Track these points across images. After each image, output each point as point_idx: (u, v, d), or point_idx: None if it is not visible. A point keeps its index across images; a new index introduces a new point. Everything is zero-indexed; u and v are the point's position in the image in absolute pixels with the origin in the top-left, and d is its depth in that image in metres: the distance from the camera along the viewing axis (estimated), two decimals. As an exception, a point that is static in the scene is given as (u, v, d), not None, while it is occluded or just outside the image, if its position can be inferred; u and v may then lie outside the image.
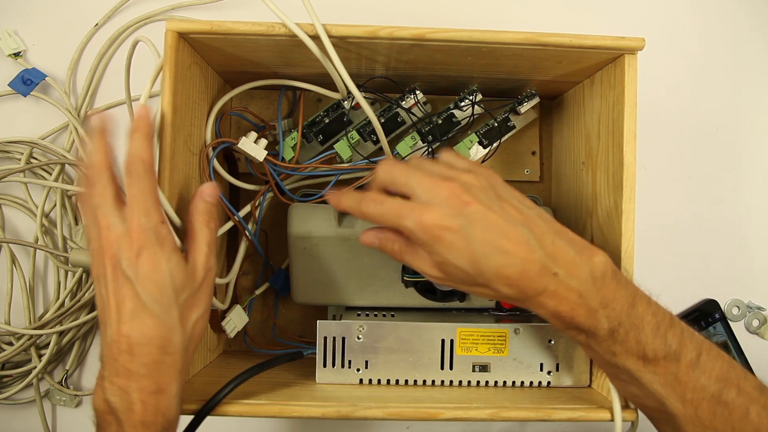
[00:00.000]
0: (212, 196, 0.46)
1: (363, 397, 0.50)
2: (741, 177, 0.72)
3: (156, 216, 0.41)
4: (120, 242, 0.40)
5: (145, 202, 0.41)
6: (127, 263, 0.40)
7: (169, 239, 0.41)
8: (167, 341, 0.41)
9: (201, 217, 0.45)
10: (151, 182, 0.42)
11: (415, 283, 0.58)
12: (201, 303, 0.43)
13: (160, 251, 0.40)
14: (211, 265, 0.44)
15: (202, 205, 0.45)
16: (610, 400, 0.49)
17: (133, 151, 0.42)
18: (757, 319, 0.71)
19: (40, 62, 0.68)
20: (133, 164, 0.42)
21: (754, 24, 0.72)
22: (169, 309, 0.41)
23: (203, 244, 0.44)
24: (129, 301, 0.40)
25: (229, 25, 0.48)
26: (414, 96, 0.60)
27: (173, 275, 0.41)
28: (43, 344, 0.65)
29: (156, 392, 0.40)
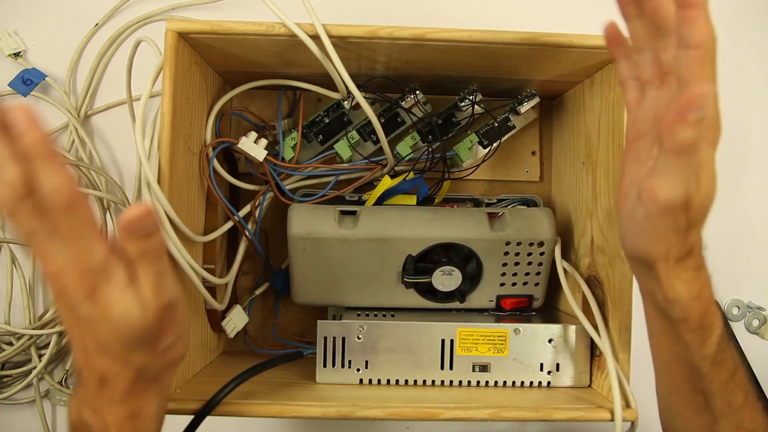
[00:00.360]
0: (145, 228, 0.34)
1: (363, 397, 0.50)
2: (741, 177, 0.72)
3: (99, 251, 0.33)
4: (69, 281, 0.34)
5: (83, 238, 0.33)
6: (82, 307, 0.34)
7: (120, 275, 0.34)
8: (138, 373, 0.37)
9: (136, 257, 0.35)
10: (82, 213, 0.33)
11: (415, 284, 0.58)
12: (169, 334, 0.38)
13: (111, 291, 0.34)
14: (167, 299, 0.36)
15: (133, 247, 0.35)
16: (610, 400, 0.49)
17: (49, 184, 0.32)
18: (757, 319, 0.71)
19: (40, 62, 0.68)
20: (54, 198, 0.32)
21: (754, 24, 0.72)
22: (131, 350, 0.36)
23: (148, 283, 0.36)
24: (91, 341, 0.36)
25: (229, 25, 0.48)
26: (414, 96, 0.60)
27: (128, 319, 0.35)
28: (43, 344, 0.65)
29: (131, 418, 0.38)
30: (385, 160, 0.60)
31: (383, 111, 0.61)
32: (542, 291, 0.59)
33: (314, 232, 0.55)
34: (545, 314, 0.59)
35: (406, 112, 0.61)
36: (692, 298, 0.41)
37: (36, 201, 0.32)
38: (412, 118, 0.61)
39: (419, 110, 0.61)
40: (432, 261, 0.57)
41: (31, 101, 0.68)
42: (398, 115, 0.61)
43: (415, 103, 0.61)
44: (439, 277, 0.57)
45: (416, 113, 0.61)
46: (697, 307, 0.41)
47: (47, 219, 0.32)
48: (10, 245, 0.67)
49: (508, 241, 0.56)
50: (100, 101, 0.69)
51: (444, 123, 0.61)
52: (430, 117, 0.61)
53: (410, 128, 0.62)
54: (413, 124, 0.61)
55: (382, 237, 0.55)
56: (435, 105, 0.65)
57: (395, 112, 0.61)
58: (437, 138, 0.61)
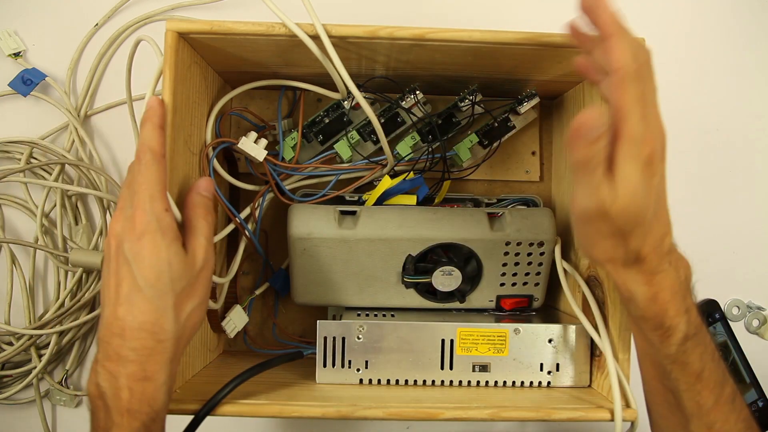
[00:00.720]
0: (208, 190, 0.47)
1: (363, 397, 0.50)
2: (741, 177, 0.72)
3: (160, 204, 0.41)
4: (125, 225, 0.41)
5: (150, 190, 0.41)
6: (128, 246, 0.41)
7: (172, 227, 0.42)
8: (159, 327, 0.41)
9: (198, 211, 0.45)
10: (157, 171, 0.42)
11: (415, 284, 0.58)
12: (197, 294, 0.43)
13: (160, 237, 0.41)
14: (209, 257, 0.44)
15: (199, 199, 0.46)
16: (610, 400, 0.49)
17: (143, 140, 0.43)
18: (757, 319, 0.71)
19: (40, 62, 0.68)
20: (142, 153, 0.42)
21: (754, 24, 0.72)
22: (163, 295, 0.41)
23: (202, 236, 0.44)
24: (126, 284, 0.41)
25: (229, 25, 0.48)
26: (414, 96, 0.60)
27: (171, 262, 0.41)
28: (43, 344, 0.65)
29: (143, 379, 0.40)
30: (385, 160, 0.60)
31: (383, 111, 0.61)
32: (542, 291, 0.59)
33: (314, 232, 0.55)
34: (545, 314, 0.59)
35: (406, 112, 0.61)
36: (647, 300, 0.42)
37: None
38: (412, 118, 0.61)
39: (419, 110, 0.61)
40: (432, 261, 0.57)
41: (31, 101, 0.68)
42: (398, 115, 0.61)
43: (415, 103, 0.61)
44: (439, 277, 0.57)
45: (416, 113, 0.61)
46: (653, 308, 0.42)
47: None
48: (10, 245, 0.67)
49: (508, 241, 0.56)
50: (100, 101, 0.69)
51: (444, 123, 0.61)
52: (430, 117, 0.61)
53: (410, 128, 0.62)
54: (413, 124, 0.61)
55: (382, 237, 0.55)
56: (435, 105, 0.65)
57: (395, 112, 0.61)
58: (437, 138, 0.61)
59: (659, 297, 0.42)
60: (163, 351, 0.41)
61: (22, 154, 0.66)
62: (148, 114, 0.44)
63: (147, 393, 0.40)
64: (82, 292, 0.65)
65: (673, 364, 0.44)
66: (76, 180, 0.67)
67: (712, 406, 0.44)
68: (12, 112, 0.69)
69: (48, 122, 0.68)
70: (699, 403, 0.44)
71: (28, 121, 0.68)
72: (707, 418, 0.44)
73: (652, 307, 0.43)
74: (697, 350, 0.43)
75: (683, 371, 0.44)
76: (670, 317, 0.42)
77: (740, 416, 0.45)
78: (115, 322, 0.41)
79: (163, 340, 0.41)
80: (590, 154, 0.38)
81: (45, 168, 0.67)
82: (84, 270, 0.64)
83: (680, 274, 0.43)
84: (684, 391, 0.44)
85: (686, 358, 0.43)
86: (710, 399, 0.44)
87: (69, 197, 0.67)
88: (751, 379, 0.69)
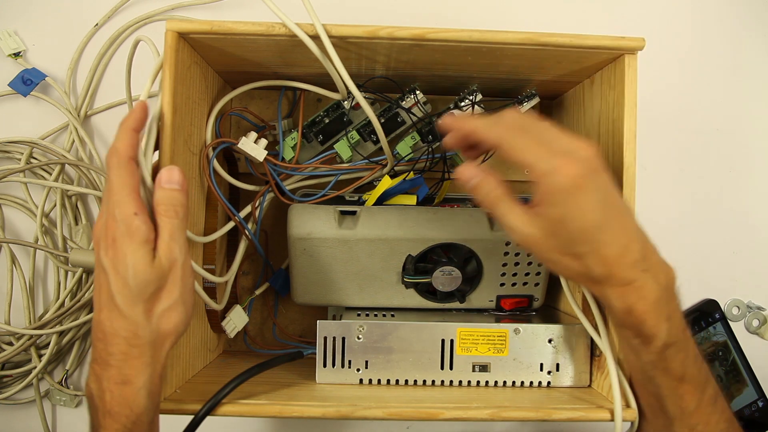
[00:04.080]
0: (171, 182, 0.44)
1: (363, 397, 0.50)
2: (741, 177, 0.72)
3: (127, 208, 0.40)
4: (99, 232, 0.42)
5: (118, 194, 0.41)
6: (102, 253, 0.41)
7: (140, 231, 0.41)
8: (131, 333, 0.41)
9: (160, 208, 0.43)
10: (125, 174, 0.41)
11: (415, 284, 0.58)
12: (168, 295, 0.42)
13: (127, 243, 0.40)
14: (175, 256, 0.42)
15: (160, 195, 0.43)
16: (610, 400, 0.49)
17: (114, 142, 0.42)
18: (757, 319, 0.71)
19: (40, 62, 0.68)
20: (110, 155, 0.42)
21: (753, 24, 0.72)
22: (132, 302, 0.40)
23: (165, 235, 0.42)
24: (104, 290, 0.41)
25: (229, 25, 0.48)
26: (414, 96, 0.60)
27: (136, 269, 0.40)
28: (43, 344, 0.65)
29: (121, 383, 0.41)
30: (385, 160, 0.60)
31: (383, 111, 0.61)
32: (542, 291, 0.59)
33: (314, 233, 0.55)
34: (545, 314, 0.59)
35: (406, 112, 0.61)
36: (623, 312, 0.43)
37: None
38: (412, 118, 0.61)
39: (419, 110, 0.61)
40: (432, 261, 0.57)
41: (31, 101, 0.68)
42: (398, 115, 0.61)
43: (415, 103, 0.61)
44: (439, 277, 0.57)
45: (416, 113, 0.61)
46: (630, 319, 0.43)
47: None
48: (10, 245, 0.67)
49: (508, 241, 0.56)
50: (100, 101, 0.69)
51: (444, 123, 0.61)
52: (430, 117, 0.61)
53: (410, 128, 0.62)
54: (413, 124, 0.61)
55: (382, 237, 0.55)
56: (435, 105, 0.65)
57: (395, 112, 0.61)
58: (437, 138, 0.61)
59: (636, 308, 0.42)
60: (139, 355, 0.41)
61: (22, 154, 0.66)
62: (125, 117, 0.43)
63: (126, 396, 0.41)
64: (82, 292, 0.65)
65: (655, 369, 0.44)
66: (76, 180, 0.67)
67: (695, 409, 0.44)
68: (12, 112, 0.69)
69: (48, 122, 0.68)
70: (681, 407, 0.44)
71: (28, 121, 0.68)
72: (689, 420, 0.44)
73: (629, 318, 0.43)
74: (678, 356, 0.43)
75: (665, 376, 0.44)
76: (650, 326, 0.42)
77: (722, 416, 0.45)
78: (98, 326, 0.41)
79: (138, 345, 0.41)
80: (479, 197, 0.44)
81: (45, 168, 0.67)
82: (84, 270, 0.64)
83: (660, 281, 0.42)
84: (666, 396, 0.45)
85: (667, 364, 0.44)
86: (692, 402, 0.44)
87: (69, 197, 0.67)
88: (751, 379, 0.69)
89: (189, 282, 0.44)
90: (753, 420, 0.69)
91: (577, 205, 0.40)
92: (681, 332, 0.44)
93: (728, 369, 0.69)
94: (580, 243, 0.41)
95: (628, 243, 0.41)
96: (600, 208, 0.40)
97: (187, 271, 0.43)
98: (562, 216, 0.40)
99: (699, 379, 0.44)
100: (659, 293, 0.42)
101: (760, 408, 0.69)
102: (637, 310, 0.42)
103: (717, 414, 0.45)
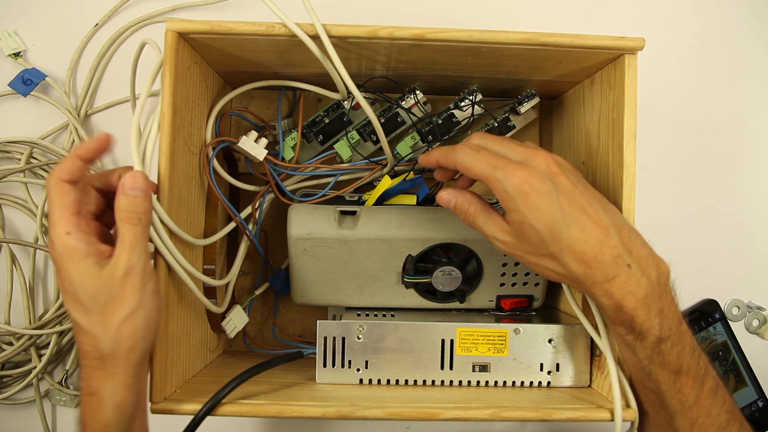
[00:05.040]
0: (134, 188, 0.43)
1: (363, 397, 0.50)
2: (741, 177, 0.72)
3: (60, 228, 0.41)
4: (49, 249, 0.43)
5: (52, 215, 0.41)
6: (55, 269, 0.43)
7: (76, 249, 0.40)
8: (92, 347, 0.41)
9: (122, 215, 0.42)
10: (57, 195, 0.41)
11: (415, 284, 0.58)
12: (125, 304, 0.41)
13: (67, 261, 0.40)
14: (133, 262, 0.41)
15: (123, 201, 0.42)
16: (610, 400, 0.49)
17: (55, 167, 0.45)
18: (757, 319, 0.71)
19: (40, 62, 0.68)
20: (47, 179, 0.43)
21: (753, 24, 0.72)
22: (86, 316, 0.41)
23: (123, 242, 0.42)
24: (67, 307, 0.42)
25: (229, 25, 0.48)
26: (414, 96, 0.60)
27: (81, 283, 0.40)
28: (43, 344, 0.65)
29: (89, 394, 0.41)
30: (385, 160, 0.60)
31: (383, 111, 0.61)
32: (542, 291, 0.59)
33: (314, 233, 0.55)
34: (545, 314, 0.59)
35: (406, 112, 0.61)
36: (612, 309, 0.43)
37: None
38: (412, 118, 0.61)
39: (419, 110, 0.61)
40: (432, 261, 0.57)
41: (31, 101, 0.68)
42: (398, 115, 0.61)
43: (415, 103, 0.61)
44: (439, 277, 0.57)
45: (416, 113, 0.61)
46: (621, 315, 0.43)
47: None
48: (10, 245, 0.67)
49: (508, 241, 0.56)
50: (100, 101, 0.69)
51: (444, 123, 0.61)
52: (430, 117, 0.61)
53: (410, 128, 0.62)
54: (413, 124, 0.61)
55: (382, 237, 0.55)
56: (435, 105, 0.65)
57: (395, 112, 0.61)
58: (437, 138, 0.61)
59: (624, 303, 0.43)
60: (101, 367, 0.41)
61: (22, 154, 0.66)
62: (79, 144, 0.45)
63: (93, 407, 0.41)
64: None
65: (651, 364, 0.44)
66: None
67: (694, 401, 0.45)
68: (12, 112, 0.69)
69: (48, 122, 0.68)
70: (681, 401, 0.45)
71: (28, 121, 0.68)
72: (690, 413, 0.45)
73: (620, 314, 0.43)
74: (674, 350, 0.44)
75: (662, 371, 0.44)
76: (641, 321, 0.43)
77: (723, 408, 0.45)
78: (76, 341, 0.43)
79: (100, 357, 0.41)
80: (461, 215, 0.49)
81: (45, 168, 0.67)
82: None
83: (650, 275, 0.43)
84: (665, 391, 0.45)
85: (663, 358, 0.44)
86: (691, 395, 0.44)
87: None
88: (751, 379, 0.69)
89: (150, 287, 0.43)
90: (753, 420, 0.69)
91: (533, 206, 0.42)
92: (676, 326, 0.44)
93: (728, 369, 0.69)
94: (549, 243, 0.43)
95: (603, 238, 0.42)
96: (557, 206, 0.42)
97: (148, 276, 0.42)
98: (523, 219, 0.43)
99: (697, 371, 0.44)
100: (649, 287, 0.43)
101: (760, 408, 0.69)
102: (626, 305, 0.43)
103: (718, 405, 0.45)
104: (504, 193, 0.43)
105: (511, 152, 0.45)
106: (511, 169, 0.43)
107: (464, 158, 0.46)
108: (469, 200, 0.48)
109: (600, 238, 0.42)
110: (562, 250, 0.42)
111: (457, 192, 0.48)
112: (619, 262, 0.42)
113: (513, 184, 0.42)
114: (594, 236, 0.42)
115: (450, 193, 0.48)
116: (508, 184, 0.42)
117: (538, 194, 0.42)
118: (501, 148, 0.46)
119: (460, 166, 0.46)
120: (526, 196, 0.42)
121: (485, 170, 0.44)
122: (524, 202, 0.42)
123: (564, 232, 0.42)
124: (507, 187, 0.43)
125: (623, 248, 0.43)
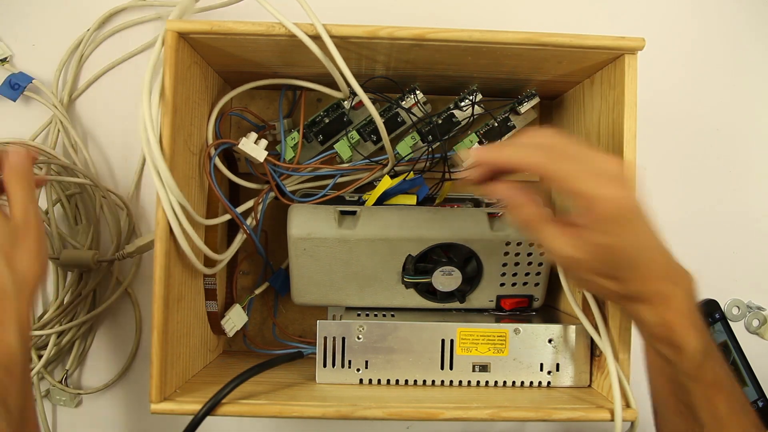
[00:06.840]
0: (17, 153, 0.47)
1: (363, 397, 0.50)
2: (741, 177, 0.72)
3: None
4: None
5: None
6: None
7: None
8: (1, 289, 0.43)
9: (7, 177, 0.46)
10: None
11: (415, 284, 0.58)
12: (26, 248, 0.45)
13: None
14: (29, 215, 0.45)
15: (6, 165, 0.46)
16: (610, 400, 0.49)
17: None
18: (757, 319, 0.71)
19: (29, 66, 0.68)
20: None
21: (753, 24, 0.72)
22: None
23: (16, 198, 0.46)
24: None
25: (229, 25, 0.48)
26: (414, 96, 0.60)
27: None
28: (43, 344, 0.65)
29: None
30: (385, 159, 0.60)
31: (383, 111, 0.61)
32: (542, 291, 0.59)
33: (314, 233, 0.55)
34: (545, 314, 0.59)
35: (406, 112, 0.61)
36: (656, 324, 0.43)
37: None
38: (412, 118, 0.61)
39: (419, 110, 0.61)
40: (432, 261, 0.57)
41: (21, 105, 0.68)
42: (398, 115, 0.61)
43: (415, 103, 0.61)
44: (439, 277, 0.57)
45: (416, 113, 0.61)
46: (663, 330, 0.43)
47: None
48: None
49: (508, 241, 0.56)
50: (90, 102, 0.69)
51: (444, 123, 0.61)
52: (430, 117, 0.61)
53: (410, 128, 0.62)
54: (413, 124, 0.61)
55: (382, 237, 0.55)
56: (435, 105, 0.65)
57: (395, 112, 0.61)
58: (437, 138, 0.61)
59: (666, 318, 0.42)
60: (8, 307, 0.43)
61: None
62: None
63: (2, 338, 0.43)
64: (80, 291, 0.65)
65: (689, 379, 0.44)
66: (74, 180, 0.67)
67: (727, 415, 0.44)
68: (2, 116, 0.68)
69: (39, 124, 0.68)
70: (714, 415, 0.44)
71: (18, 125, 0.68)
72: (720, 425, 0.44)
73: (662, 330, 0.43)
74: (709, 364, 0.43)
75: (697, 385, 0.44)
76: (678, 334, 0.42)
77: (751, 421, 0.45)
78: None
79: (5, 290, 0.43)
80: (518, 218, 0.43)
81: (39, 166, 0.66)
82: (79, 269, 0.64)
83: (685, 289, 0.43)
84: (699, 405, 0.44)
85: (703, 373, 0.43)
86: (725, 409, 0.44)
87: (68, 197, 0.67)
88: (751, 379, 0.69)
89: (45, 242, 0.47)
90: (753, 420, 0.69)
91: (628, 234, 0.40)
92: (708, 339, 0.43)
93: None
94: (626, 268, 0.41)
95: (660, 258, 0.42)
96: (645, 234, 0.41)
97: (42, 231, 0.47)
98: (612, 244, 0.40)
99: (728, 384, 0.44)
100: (690, 303, 0.42)
101: (760, 408, 0.69)
102: (669, 321, 0.42)
103: (747, 417, 0.45)
104: (599, 216, 0.39)
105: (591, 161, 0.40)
106: (606, 189, 0.39)
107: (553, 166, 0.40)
108: (535, 207, 0.42)
109: (659, 258, 0.42)
110: (631, 274, 0.41)
111: (523, 193, 0.43)
112: (669, 280, 0.42)
113: (611, 208, 0.39)
114: (657, 258, 0.41)
115: (513, 192, 0.42)
116: (606, 207, 0.39)
117: (635, 222, 0.40)
118: (580, 155, 0.41)
119: (547, 173, 0.40)
120: (623, 224, 0.39)
121: (579, 185, 0.39)
122: (620, 229, 0.39)
123: (642, 258, 0.41)
124: (605, 210, 0.39)
125: (672, 266, 0.42)
